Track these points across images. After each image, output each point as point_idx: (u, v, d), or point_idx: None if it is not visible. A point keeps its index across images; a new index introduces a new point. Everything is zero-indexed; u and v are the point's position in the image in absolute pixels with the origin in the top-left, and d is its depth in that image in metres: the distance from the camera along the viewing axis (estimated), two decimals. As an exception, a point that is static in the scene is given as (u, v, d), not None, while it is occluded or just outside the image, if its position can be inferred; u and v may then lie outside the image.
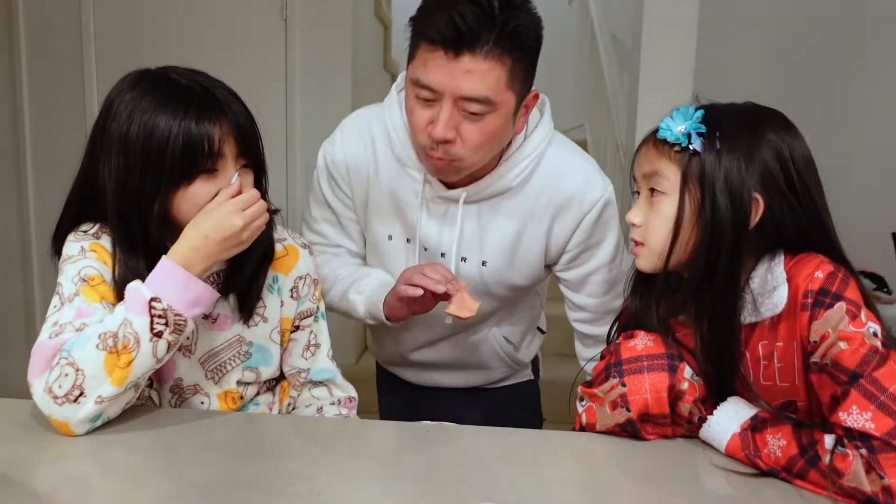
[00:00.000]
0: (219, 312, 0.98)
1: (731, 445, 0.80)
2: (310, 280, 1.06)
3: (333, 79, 2.56)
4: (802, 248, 0.82)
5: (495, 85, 0.92)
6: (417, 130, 0.98)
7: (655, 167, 0.84)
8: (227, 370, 1.00)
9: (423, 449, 0.84)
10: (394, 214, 1.13)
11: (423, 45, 0.93)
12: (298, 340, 1.06)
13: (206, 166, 0.88)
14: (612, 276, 1.13)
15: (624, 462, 0.81)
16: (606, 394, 0.85)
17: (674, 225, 0.82)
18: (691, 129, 0.81)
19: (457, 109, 0.94)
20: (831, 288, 0.76)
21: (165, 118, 0.86)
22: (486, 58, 0.90)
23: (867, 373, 0.72)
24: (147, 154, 0.86)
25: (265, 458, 0.79)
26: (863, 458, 0.70)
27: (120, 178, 0.87)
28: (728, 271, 0.80)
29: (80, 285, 0.89)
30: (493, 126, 0.96)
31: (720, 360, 0.83)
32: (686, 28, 2.12)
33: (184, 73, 0.92)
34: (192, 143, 0.86)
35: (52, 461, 0.78)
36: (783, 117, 0.84)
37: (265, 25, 2.53)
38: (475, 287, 1.11)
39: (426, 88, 0.93)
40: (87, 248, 0.91)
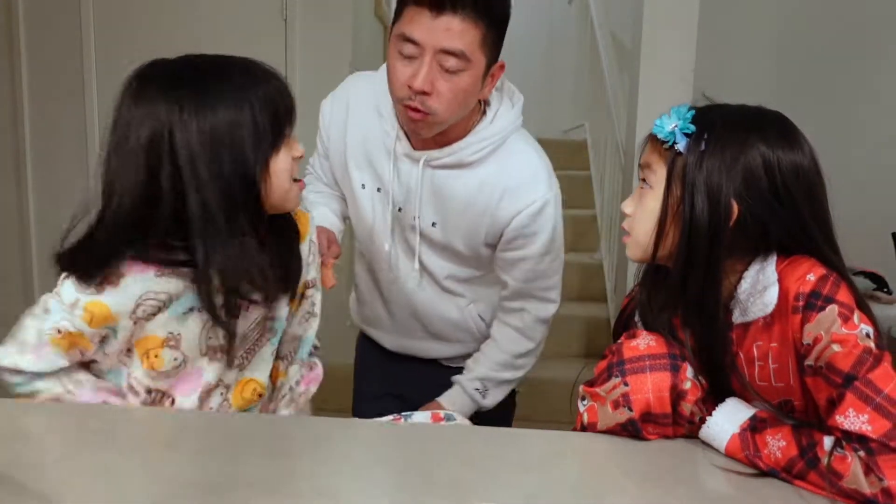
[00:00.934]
0: (249, 298, 0.94)
1: (731, 446, 0.80)
2: (315, 247, 1.06)
3: (333, 78, 2.55)
4: (795, 250, 0.82)
5: (470, 43, 1.05)
6: (398, 85, 1.09)
7: (648, 160, 0.86)
8: (254, 353, 0.98)
9: (424, 448, 0.84)
10: (366, 164, 1.26)
11: (410, 5, 1.06)
12: (301, 309, 1.06)
13: (287, 130, 0.89)
14: (539, 269, 1.25)
15: (624, 462, 0.81)
16: (608, 393, 0.85)
17: (657, 220, 0.84)
18: (679, 129, 0.82)
19: (435, 64, 1.06)
20: (823, 290, 0.76)
21: (232, 93, 0.84)
22: (463, 20, 1.04)
23: (862, 375, 0.72)
24: (234, 137, 0.83)
25: (265, 458, 0.79)
26: (861, 460, 0.70)
27: (203, 177, 0.83)
28: (705, 271, 0.81)
29: (52, 335, 0.87)
30: (464, 83, 1.08)
31: (709, 360, 0.84)
32: (686, 28, 2.12)
33: (196, 56, 0.89)
34: (276, 108, 0.87)
35: (53, 461, 0.78)
36: (783, 125, 0.84)
37: (265, 25, 2.53)
38: (432, 241, 1.26)
39: (410, 42, 1.06)
40: (81, 305, 0.86)
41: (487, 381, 1.30)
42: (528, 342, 1.31)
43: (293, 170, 0.91)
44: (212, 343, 0.94)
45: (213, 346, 0.94)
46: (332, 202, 1.37)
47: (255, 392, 0.99)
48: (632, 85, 2.30)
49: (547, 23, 4.57)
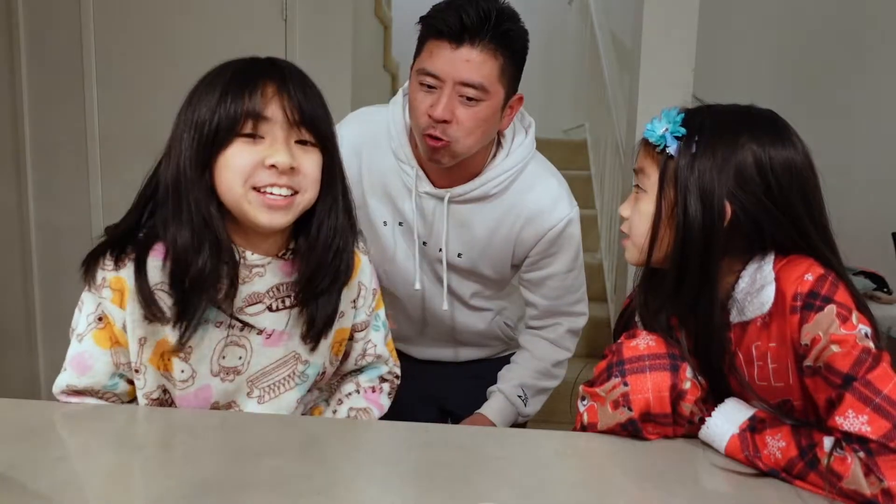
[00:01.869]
0: (274, 328, 0.92)
1: (731, 446, 0.80)
2: (367, 291, 1.01)
3: (333, 79, 2.56)
4: (792, 249, 0.82)
5: (488, 75, 1.08)
6: (419, 114, 1.12)
7: (642, 164, 0.87)
8: (278, 392, 0.94)
9: (423, 449, 0.84)
10: (386, 202, 1.28)
11: (431, 39, 1.10)
12: (351, 352, 1.03)
13: (244, 129, 0.82)
14: (566, 285, 1.30)
15: (624, 462, 0.81)
16: (608, 393, 0.85)
17: (651, 223, 0.84)
18: (670, 132, 0.82)
19: (455, 95, 1.09)
20: (821, 291, 0.76)
21: (214, 87, 0.84)
22: (482, 51, 1.07)
23: (861, 375, 0.72)
24: (193, 125, 0.83)
25: (265, 458, 0.79)
26: (861, 461, 0.70)
27: (177, 153, 0.84)
28: (700, 272, 0.81)
29: (94, 326, 0.89)
30: (484, 114, 1.11)
31: (706, 361, 0.84)
32: (686, 28, 2.12)
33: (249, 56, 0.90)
34: (232, 103, 0.82)
35: (53, 461, 0.78)
36: (774, 123, 0.83)
37: (265, 25, 2.53)
38: (458, 269, 1.29)
39: (430, 76, 1.09)
40: (107, 283, 0.87)
41: (527, 389, 1.32)
42: (562, 352, 1.35)
43: (256, 175, 0.83)
44: (225, 363, 0.91)
45: (226, 367, 0.92)
46: None
47: None
48: (632, 85, 2.30)
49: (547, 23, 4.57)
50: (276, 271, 0.92)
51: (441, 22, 1.08)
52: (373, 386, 1.07)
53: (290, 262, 0.93)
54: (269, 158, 0.82)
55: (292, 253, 0.93)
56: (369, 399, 1.06)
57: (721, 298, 0.83)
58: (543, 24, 4.59)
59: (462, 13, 1.06)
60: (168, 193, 0.85)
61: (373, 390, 1.07)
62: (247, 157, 0.83)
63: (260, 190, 0.83)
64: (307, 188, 0.86)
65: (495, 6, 1.09)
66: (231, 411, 0.96)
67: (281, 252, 0.93)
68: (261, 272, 0.91)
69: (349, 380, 1.08)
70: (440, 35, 1.08)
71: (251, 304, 0.91)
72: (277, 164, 0.82)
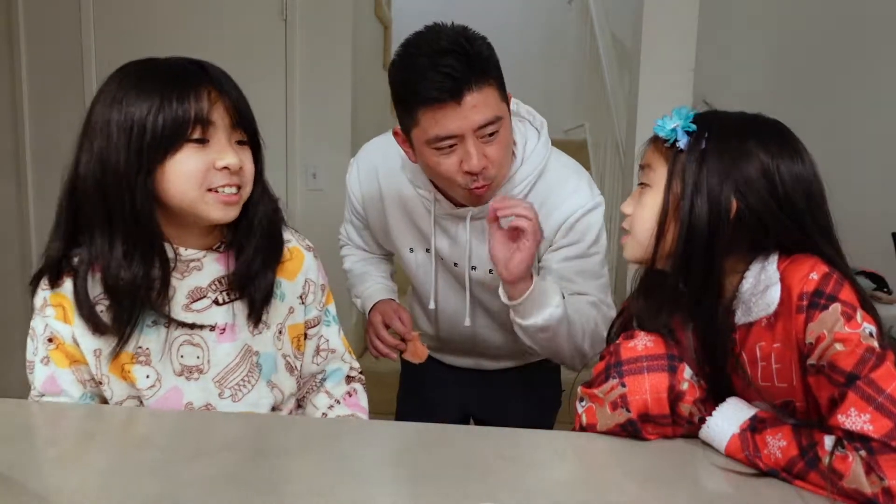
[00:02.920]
0: (226, 322, 0.95)
1: (731, 446, 0.80)
2: (316, 287, 1.03)
3: (333, 79, 2.56)
4: (796, 249, 0.82)
5: (496, 104, 1.06)
6: (450, 175, 1.08)
7: (649, 160, 0.87)
8: (249, 386, 0.96)
9: (424, 449, 0.84)
10: (410, 230, 1.27)
11: (424, 109, 1.03)
12: (306, 350, 1.04)
13: (194, 135, 0.85)
14: (584, 269, 1.21)
15: (624, 462, 0.81)
16: (606, 394, 0.85)
17: (658, 219, 0.84)
18: (681, 127, 0.83)
19: (478, 140, 1.05)
20: (826, 289, 0.76)
21: (149, 89, 0.84)
22: (481, 89, 1.03)
23: (864, 374, 0.72)
24: (129, 128, 0.83)
25: (265, 459, 0.79)
26: (862, 459, 0.70)
27: (100, 156, 0.84)
28: (705, 268, 0.81)
29: (49, 347, 0.91)
30: (505, 138, 1.10)
31: (710, 360, 0.84)
32: (686, 28, 2.12)
33: (173, 56, 0.90)
34: (178, 110, 0.83)
35: (52, 461, 0.78)
36: (782, 133, 0.84)
37: (265, 25, 2.53)
38: (490, 286, 1.23)
39: (447, 139, 1.04)
40: (49, 301, 0.90)
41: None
42: (594, 322, 1.18)
43: (209, 177, 0.86)
44: (185, 362, 0.93)
45: (187, 366, 0.93)
46: (381, 266, 1.43)
47: None
48: (632, 85, 2.30)
49: (547, 23, 4.57)
50: (213, 264, 0.94)
51: (431, 90, 1.01)
52: (348, 391, 1.09)
53: (225, 255, 0.95)
54: (219, 161, 0.87)
55: (227, 245, 0.96)
56: (351, 405, 1.08)
57: (726, 299, 0.83)
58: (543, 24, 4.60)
59: (445, 69, 1.00)
60: (91, 201, 0.86)
61: (349, 395, 1.09)
62: (199, 162, 0.86)
63: (215, 190, 0.88)
64: (248, 183, 0.92)
65: (459, 36, 1.03)
66: (232, 412, 0.96)
67: (216, 245, 0.96)
68: (198, 266, 0.94)
69: (319, 392, 1.08)
70: (438, 101, 1.01)
71: (196, 299, 0.93)
72: (230, 165, 0.87)
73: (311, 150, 2.61)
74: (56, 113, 2.52)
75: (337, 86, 2.57)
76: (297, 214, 2.61)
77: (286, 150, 2.60)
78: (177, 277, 0.92)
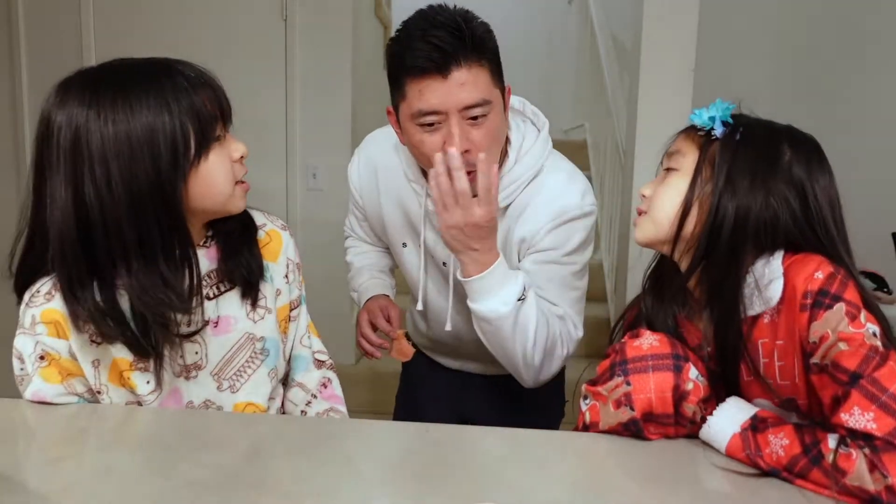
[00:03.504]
0: (219, 314, 0.94)
1: (732, 446, 0.80)
2: (294, 265, 1.05)
3: (333, 79, 2.56)
4: (803, 247, 0.82)
5: (485, 86, 1.02)
6: (434, 155, 1.01)
7: (678, 147, 0.89)
8: (246, 376, 0.96)
9: (424, 449, 0.84)
10: (404, 225, 1.25)
11: (411, 80, 1.01)
12: (290, 331, 1.05)
13: (217, 133, 0.85)
14: (559, 274, 1.13)
15: (626, 462, 0.81)
16: (610, 392, 0.85)
17: (683, 200, 0.85)
18: (718, 116, 0.85)
19: (462, 121, 1.02)
20: (830, 289, 0.76)
21: (154, 98, 0.80)
22: (470, 68, 1.00)
23: (867, 373, 0.72)
24: (150, 139, 0.79)
25: (265, 459, 0.79)
26: (866, 457, 0.70)
27: (124, 178, 0.79)
28: (728, 254, 0.82)
29: (39, 365, 0.87)
30: (494, 125, 1.05)
31: (723, 347, 0.84)
32: (686, 28, 2.12)
33: (120, 61, 0.85)
34: (200, 111, 0.83)
35: (52, 462, 0.78)
36: (818, 149, 0.87)
37: (265, 26, 2.53)
38: None
39: (430, 114, 1.01)
40: (38, 319, 0.85)
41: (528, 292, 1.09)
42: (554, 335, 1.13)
43: (234, 171, 0.88)
44: (184, 362, 0.93)
45: (186, 365, 0.93)
46: (380, 260, 1.41)
47: None
48: (632, 85, 2.30)
49: (547, 23, 4.57)
50: (203, 259, 0.94)
51: (417, 58, 0.99)
52: (322, 382, 1.09)
53: (212, 249, 0.96)
54: (235, 152, 0.89)
55: (212, 238, 0.96)
56: (328, 398, 1.08)
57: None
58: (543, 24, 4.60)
59: (434, 40, 0.98)
60: (115, 229, 0.80)
61: (324, 386, 1.09)
62: (226, 158, 0.88)
63: (240, 182, 0.90)
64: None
65: (457, 15, 1.01)
66: (231, 412, 0.96)
67: (202, 241, 0.95)
68: None
69: (292, 386, 1.08)
70: (423, 72, 0.99)
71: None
72: (245, 154, 0.90)
73: (311, 150, 2.61)
74: None
75: (337, 86, 2.57)
76: (298, 214, 2.61)
77: (286, 150, 2.60)
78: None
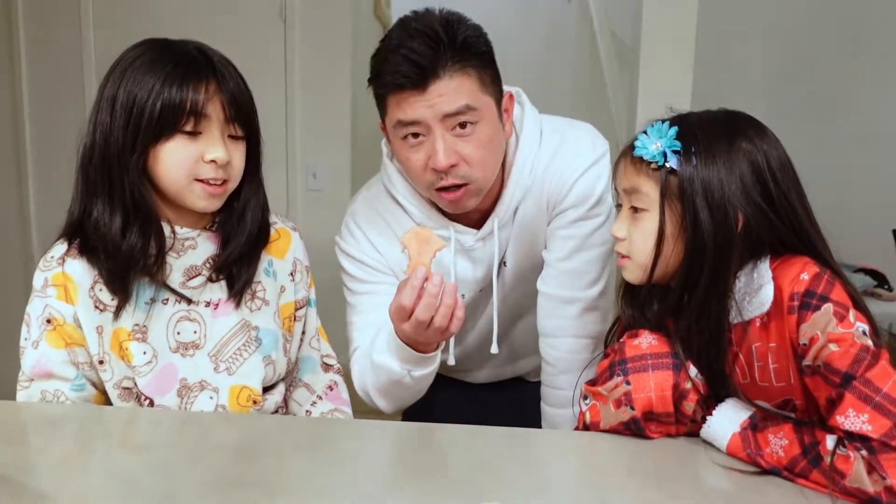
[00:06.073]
0: (219, 297, 0.98)
1: (732, 445, 0.80)
2: (302, 266, 1.07)
3: (333, 79, 2.56)
4: (786, 249, 0.81)
5: (470, 93, 0.95)
6: (420, 173, 0.98)
7: (634, 184, 0.84)
8: (242, 359, 0.98)
9: (426, 449, 0.84)
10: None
11: (391, 95, 0.96)
12: (296, 331, 1.06)
13: (186, 126, 0.87)
14: (588, 242, 1.07)
15: (627, 461, 0.81)
16: (610, 392, 0.85)
17: (656, 240, 0.82)
18: (666, 147, 0.80)
19: (448, 132, 0.95)
20: (817, 289, 0.76)
21: (153, 74, 0.87)
22: (452, 77, 0.94)
23: (860, 374, 0.72)
24: (130, 108, 0.86)
25: (267, 459, 0.79)
26: (864, 459, 0.70)
27: (104, 130, 0.88)
28: (713, 282, 0.80)
29: (45, 329, 0.92)
30: (485, 135, 0.98)
31: (708, 365, 0.83)
32: (685, 28, 2.12)
33: (186, 40, 0.93)
34: (174, 100, 0.86)
35: (53, 463, 0.78)
36: (756, 122, 0.83)
37: (265, 26, 2.53)
38: (512, 288, 1.13)
39: (412, 124, 0.95)
40: (51, 282, 0.91)
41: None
42: (583, 341, 1.09)
43: (198, 169, 0.89)
44: (181, 339, 0.95)
45: (183, 342, 0.95)
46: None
47: (250, 399, 0.98)
48: (632, 84, 2.30)
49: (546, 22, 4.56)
50: (206, 243, 0.97)
51: (394, 75, 0.93)
52: (328, 385, 1.10)
53: (218, 234, 0.98)
54: (208, 154, 0.89)
55: (220, 225, 0.98)
56: (333, 399, 1.10)
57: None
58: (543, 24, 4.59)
59: (409, 54, 0.92)
60: (97, 170, 0.89)
61: (330, 389, 1.10)
62: (188, 153, 0.89)
63: (202, 181, 0.90)
64: (234, 178, 0.94)
65: (436, 20, 0.95)
66: (232, 412, 0.96)
67: (208, 225, 0.99)
68: (192, 244, 0.97)
69: (298, 386, 1.10)
70: (401, 88, 0.93)
71: (192, 276, 0.96)
72: (217, 159, 0.89)
73: (311, 151, 2.61)
74: (56, 113, 2.52)
75: (337, 86, 2.57)
76: (298, 214, 2.61)
77: (286, 150, 2.60)
78: (173, 256, 0.95)
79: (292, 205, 2.61)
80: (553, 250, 1.08)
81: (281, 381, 1.05)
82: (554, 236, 1.08)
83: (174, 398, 0.95)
